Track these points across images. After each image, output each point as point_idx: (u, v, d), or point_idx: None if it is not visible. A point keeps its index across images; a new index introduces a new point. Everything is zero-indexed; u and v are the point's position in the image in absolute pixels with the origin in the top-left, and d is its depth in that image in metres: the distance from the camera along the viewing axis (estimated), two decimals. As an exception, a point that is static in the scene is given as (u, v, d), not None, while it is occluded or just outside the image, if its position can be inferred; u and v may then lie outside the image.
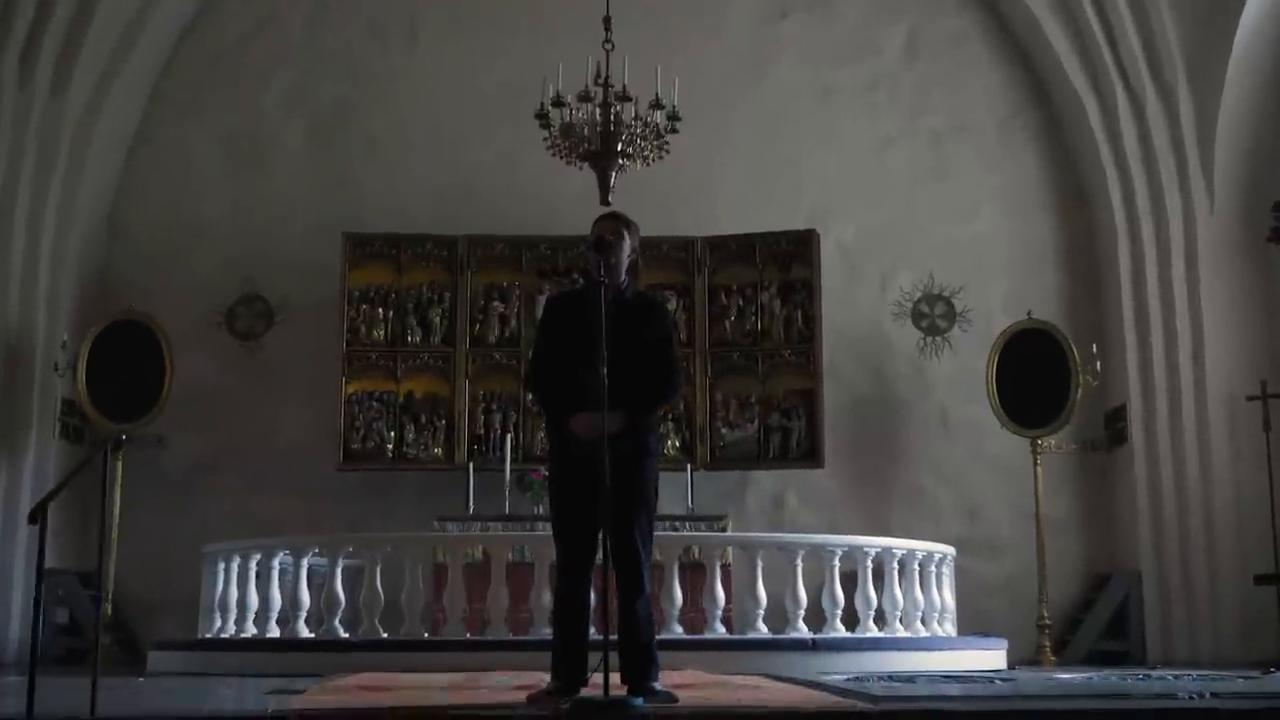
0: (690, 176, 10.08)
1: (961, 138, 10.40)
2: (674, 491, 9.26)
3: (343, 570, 7.27)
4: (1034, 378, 9.48)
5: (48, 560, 7.40)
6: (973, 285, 10.14)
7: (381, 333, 9.55)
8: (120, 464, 9.29)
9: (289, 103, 10.38)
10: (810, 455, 9.42)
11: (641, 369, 5.02)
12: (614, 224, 5.13)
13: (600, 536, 4.71)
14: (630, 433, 4.90)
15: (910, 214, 10.28)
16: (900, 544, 7.68)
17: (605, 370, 4.75)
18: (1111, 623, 9.49)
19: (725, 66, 10.29)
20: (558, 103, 7.70)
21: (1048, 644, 9.14)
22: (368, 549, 7.29)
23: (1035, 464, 9.40)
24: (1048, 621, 9.20)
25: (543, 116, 7.78)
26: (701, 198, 10.16)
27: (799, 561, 7.33)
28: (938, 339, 10.12)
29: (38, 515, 4.18)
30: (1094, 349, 9.49)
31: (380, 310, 9.58)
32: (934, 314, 10.14)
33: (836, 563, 7.43)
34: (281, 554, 7.45)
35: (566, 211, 9.73)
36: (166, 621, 9.35)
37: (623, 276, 5.15)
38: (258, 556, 7.48)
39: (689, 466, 9.28)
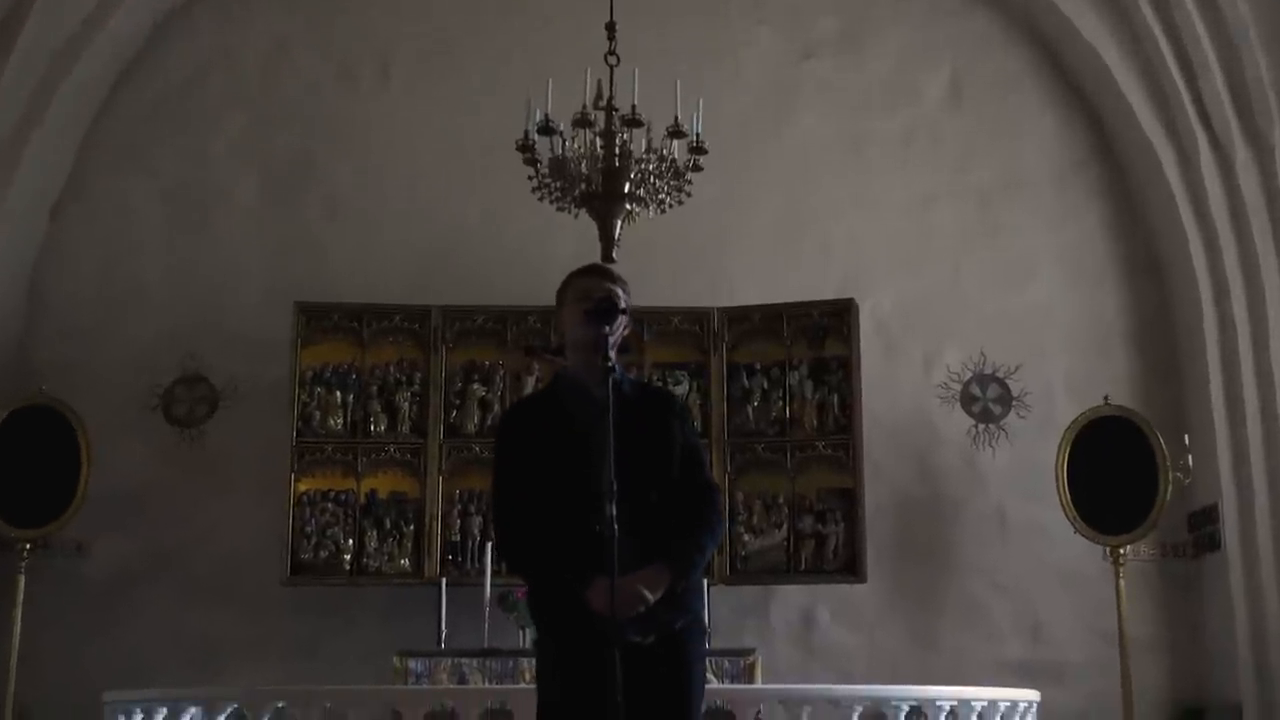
0: (703, 237, 8.33)
1: (1014, 195, 8.64)
2: (687, 610, 7.40)
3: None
4: (1112, 474, 7.66)
5: None
6: (1030, 364, 8.33)
7: (339, 421, 7.70)
8: (24, 576, 7.44)
9: (241, 153, 8.60)
10: (850, 568, 7.56)
11: (664, 500, 3.32)
12: (609, 282, 3.46)
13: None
14: (678, 597, 3.22)
15: (956, 282, 8.50)
16: (980, 694, 5.83)
17: (614, 507, 3.04)
18: (1208, 766, 7.61)
19: (743, 113, 8.55)
20: (546, 129, 5.82)
21: (1138, 797, 7.27)
22: (301, 706, 5.38)
23: (1118, 577, 7.56)
24: (1137, 769, 7.33)
25: (527, 148, 5.93)
26: (717, 262, 8.38)
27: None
28: (991, 427, 8.28)
29: None
30: (1185, 441, 7.66)
31: (338, 394, 7.74)
32: (986, 398, 8.31)
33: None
34: (191, 711, 5.56)
35: (559, 278, 7.93)
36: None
37: (612, 359, 3.49)
38: (163, 713, 5.59)
39: (705, 582, 7.39)
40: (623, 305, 3.40)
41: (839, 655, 7.99)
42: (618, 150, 5.65)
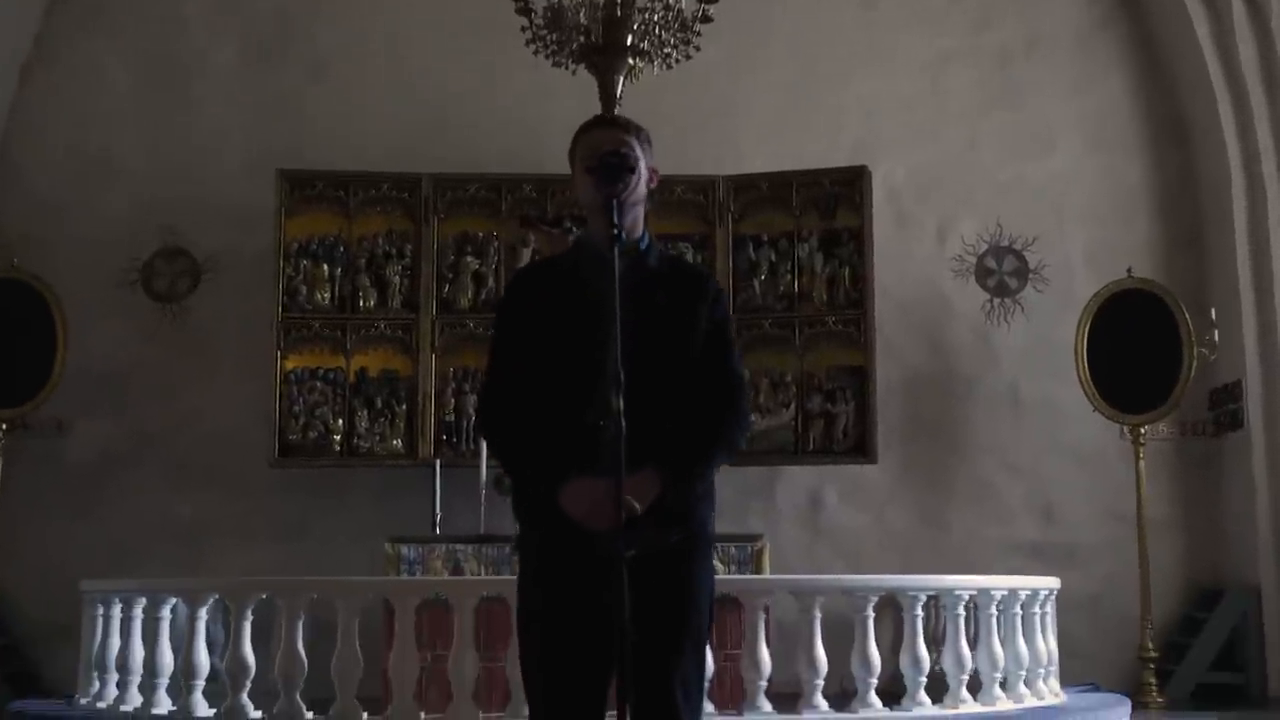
0: (708, 101, 7.83)
1: (1034, 56, 8.11)
2: (690, 492, 7.05)
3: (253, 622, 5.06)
4: (1133, 350, 7.30)
5: None
6: (1049, 236, 7.88)
7: (326, 295, 7.27)
8: (2, 457, 7.08)
9: (218, 13, 8.05)
10: (859, 448, 7.18)
11: (684, 388, 2.87)
12: (621, 133, 2.95)
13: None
14: (673, 508, 2.76)
15: (973, 149, 8.01)
16: (1000, 583, 5.49)
17: (620, 396, 2.61)
18: (1224, 650, 7.31)
19: (749, -31, 7.95)
20: None
21: (1153, 681, 6.98)
22: (286, 597, 5.03)
23: (1138, 457, 7.21)
24: (1153, 653, 7.04)
25: None
26: (722, 127, 7.87)
27: (870, 612, 5.12)
28: (1007, 301, 7.86)
29: None
30: (1212, 315, 7.25)
31: (325, 267, 7.29)
32: (1002, 271, 7.88)
33: (919, 611, 5.21)
34: (171, 601, 5.21)
35: (557, 143, 7.30)
36: (70, 651, 7.16)
37: (640, 227, 3.00)
38: (142, 603, 5.24)
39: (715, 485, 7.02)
40: (635, 159, 2.91)
41: (847, 537, 7.67)
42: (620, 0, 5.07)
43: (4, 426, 7.08)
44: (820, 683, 5.09)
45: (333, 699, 5.00)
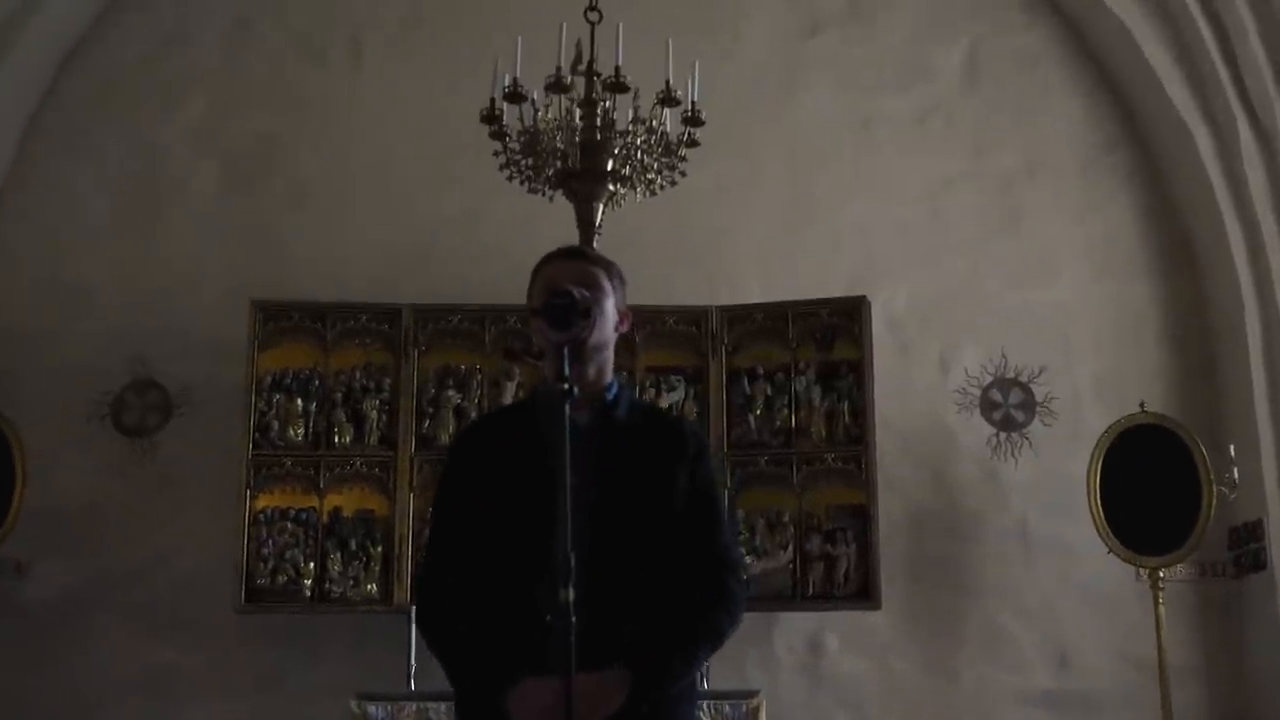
0: (700, 228, 7.52)
1: (1037, 181, 7.80)
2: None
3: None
4: (1148, 488, 6.85)
5: None
6: (1055, 367, 7.50)
7: (300, 431, 6.85)
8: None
9: (198, 139, 7.76)
10: (863, 593, 6.71)
11: (660, 568, 2.48)
12: (582, 267, 2.59)
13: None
14: (645, 714, 2.35)
15: (975, 276, 7.66)
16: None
17: (569, 585, 2.20)
18: (1254, 810, 6.78)
19: (743, 93, 7.71)
20: (515, 95, 4.90)
21: (1180, 846, 6.45)
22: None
23: (1157, 602, 6.74)
24: (1180, 815, 6.51)
25: (493, 119, 5.01)
26: (715, 255, 7.55)
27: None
28: (1014, 435, 7.45)
29: None
30: (1231, 451, 6.83)
31: (299, 402, 6.88)
32: (1008, 404, 7.48)
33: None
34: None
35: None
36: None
37: (609, 374, 2.69)
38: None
39: (701, 681, 6.58)
40: (589, 301, 2.53)
41: (850, 686, 7.18)
42: (599, 120, 4.71)
43: (-45, 570, 6.64)
44: None
45: None
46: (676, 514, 2.54)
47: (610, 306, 2.68)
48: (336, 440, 6.84)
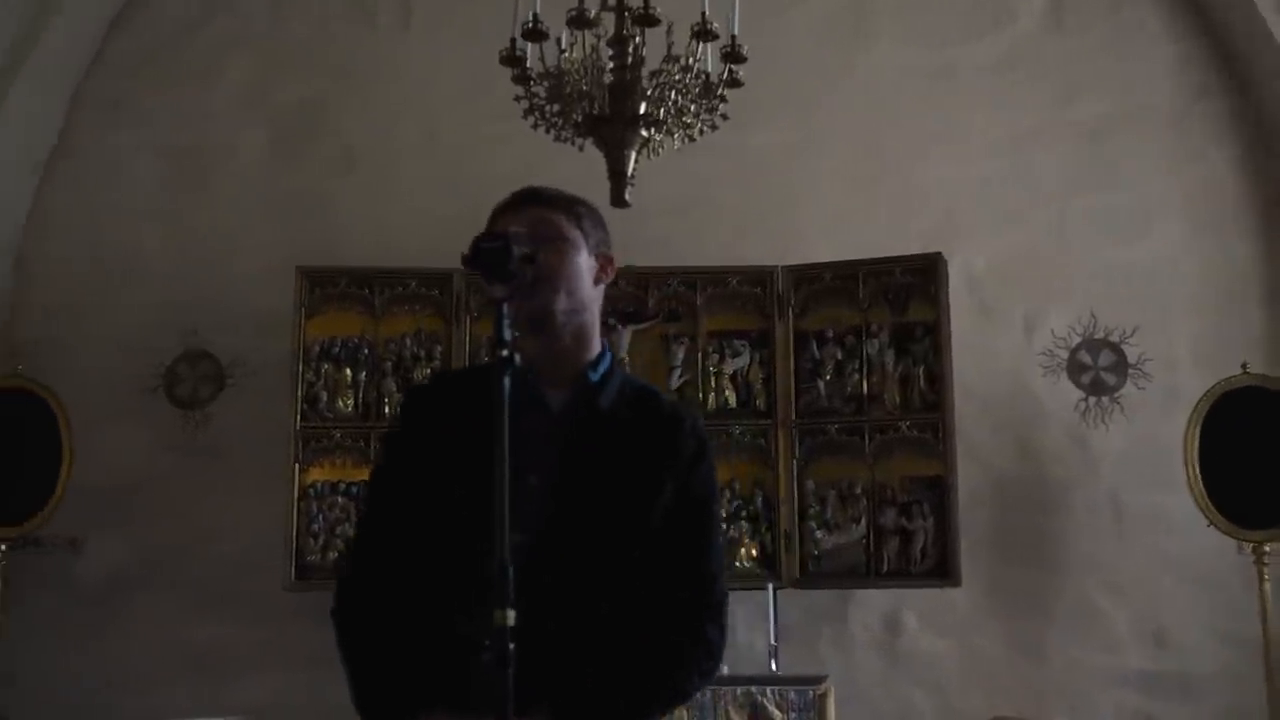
0: (768, 187, 7.11)
1: (1128, 130, 7.25)
2: (750, 618, 6.25)
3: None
4: (1251, 456, 6.34)
5: None
6: (1149, 327, 6.97)
7: (350, 402, 6.57)
8: (3, 579, 6.44)
9: (246, 105, 7.48)
10: (940, 569, 6.29)
11: (626, 594, 2.04)
12: (537, 215, 2.15)
13: None
14: None
15: (1061, 233, 7.15)
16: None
17: (507, 606, 1.78)
18: (1369, 799, 6.25)
19: (810, 45, 7.29)
20: (535, 33, 4.48)
21: (1289, 839, 5.96)
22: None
23: (1262, 579, 6.24)
24: (1289, 805, 6.01)
25: (514, 60, 4.60)
26: (783, 215, 7.11)
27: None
28: (1104, 400, 6.95)
29: None
30: (1343, 416, 6.29)
31: (348, 371, 6.60)
32: (1098, 366, 6.97)
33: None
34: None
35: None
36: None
37: (594, 344, 2.22)
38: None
39: (771, 585, 6.19)
40: (530, 248, 2.04)
41: (929, 666, 6.75)
42: (629, 59, 4.29)
43: (3, 547, 6.43)
44: None
45: None
46: (655, 531, 2.07)
47: (581, 259, 2.22)
48: (387, 410, 6.53)
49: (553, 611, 1.90)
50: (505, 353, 1.86)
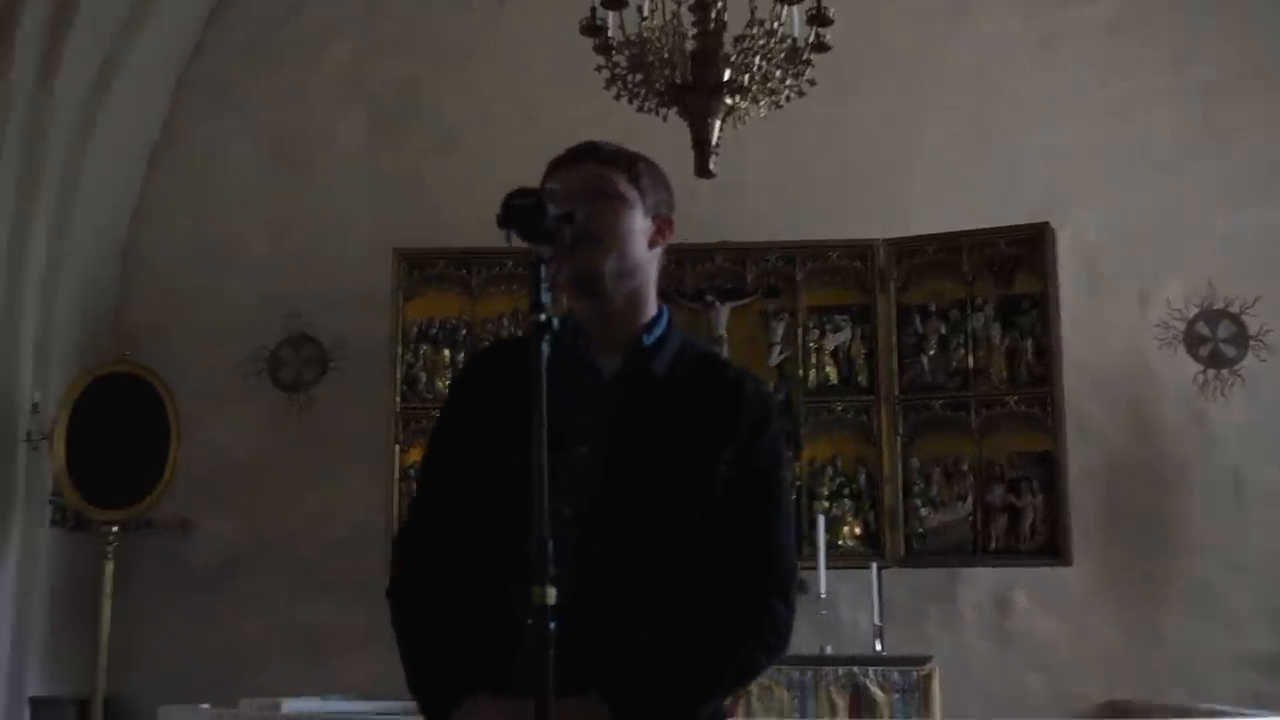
0: (867, 158, 6.96)
1: (1244, 92, 6.96)
2: (854, 598, 6.13)
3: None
4: (1381, 428, 6.02)
5: (37, 686, 5.60)
6: (1271, 296, 6.69)
7: (447, 382, 6.55)
8: (112, 562, 6.55)
9: (344, 89, 7.52)
10: (1051, 547, 6.10)
11: (683, 570, 1.89)
12: (591, 171, 2.07)
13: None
14: None
15: (1177, 200, 6.89)
16: None
17: (548, 581, 1.68)
18: None
19: (912, 11, 7.10)
20: (615, 1, 4.37)
21: None
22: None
23: (1394, 558, 5.94)
24: None
25: (595, 29, 4.52)
26: (884, 186, 6.96)
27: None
28: (1224, 373, 6.68)
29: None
30: None
31: (446, 352, 6.61)
32: (1217, 338, 6.71)
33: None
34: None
35: (700, 209, 6.64)
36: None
37: (649, 307, 2.06)
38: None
39: (875, 564, 6.07)
40: (555, 208, 1.92)
41: (1042, 647, 6.57)
42: (711, 24, 4.16)
43: (115, 529, 6.55)
44: None
45: None
46: (716, 502, 1.93)
47: (636, 219, 2.09)
48: (484, 391, 6.51)
49: (605, 584, 1.82)
50: (542, 317, 1.77)
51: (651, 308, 2.06)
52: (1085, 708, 6.42)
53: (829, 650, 5.78)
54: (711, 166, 4.26)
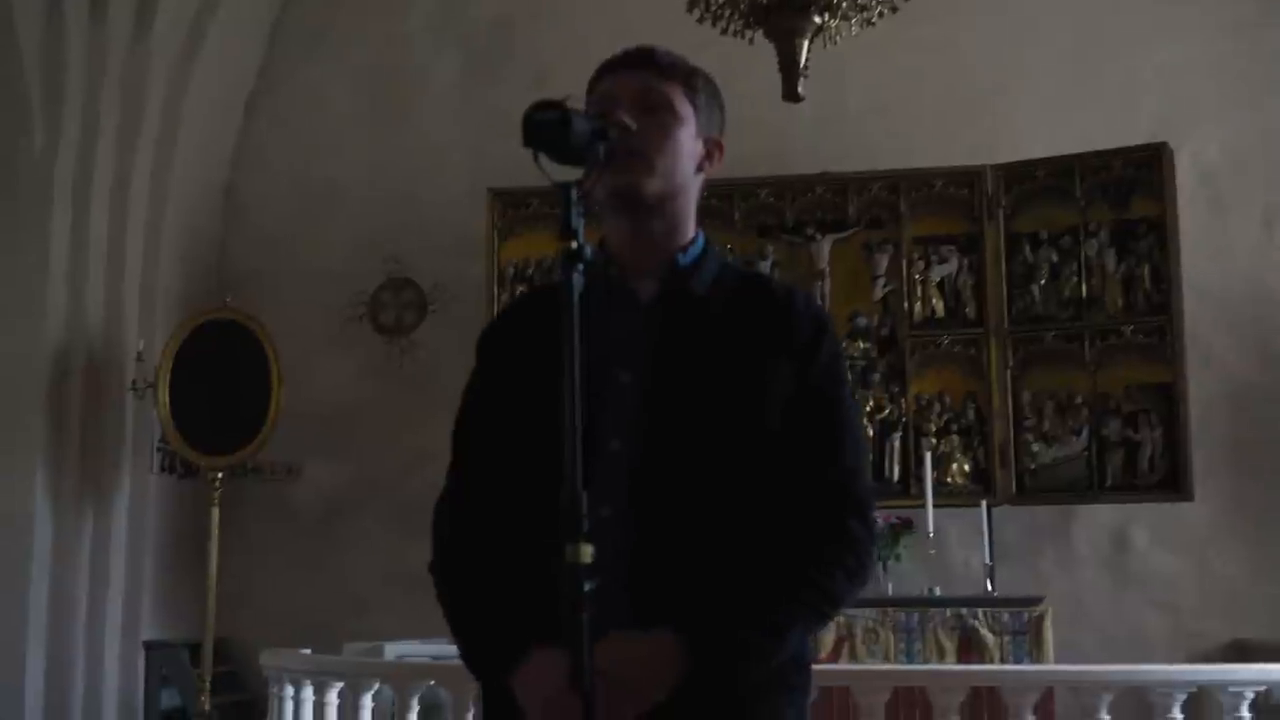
0: (975, 81, 6.70)
1: (1380, -1, 6.53)
2: (964, 537, 5.95)
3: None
4: None
5: (151, 630, 5.47)
6: (1407, 215, 6.30)
7: (540, 325, 6.46)
8: (219, 508, 6.60)
9: (438, 27, 7.44)
10: (1170, 482, 5.85)
11: (745, 501, 1.74)
12: (645, 81, 1.84)
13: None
14: (713, 705, 1.67)
15: (1304, 116, 6.50)
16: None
17: (582, 523, 1.55)
18: None
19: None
20: None
21: None
22: (451, 684, 4.22)
23: None
24: None
25: None
26: (992, 110, 6.69)
27: (1177, 714, 3.85)
28: (1357, 298, 6.32)
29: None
30: None
31: (543, 293, 6.50)
32: (1347, 260, 6.35)
33: (1245, 713, 3.90)
34: (338, 687, 4.48)
35: (799, 142, 6.51)
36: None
37: (688, 230, 1.87)
38: (308, 688, 4.54)
39: (985, 502, 5.87)
40: (583, 123, 1.73)
41: (1163, 586, 6.34)
42: None
43: (220, 475, 6.60)
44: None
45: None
46: (773, 429, 1.77)
47: (686, 138, 1.89)
48: (580, 332, 6.41)
49: (665, 517, 1.70)
50: (574, 244, 1.63)
51: (689, 230, 1.91)
52: (1208, 647, 6.16)
53: (937, 592, 5.63)
54: (800, 90, 4.05)
